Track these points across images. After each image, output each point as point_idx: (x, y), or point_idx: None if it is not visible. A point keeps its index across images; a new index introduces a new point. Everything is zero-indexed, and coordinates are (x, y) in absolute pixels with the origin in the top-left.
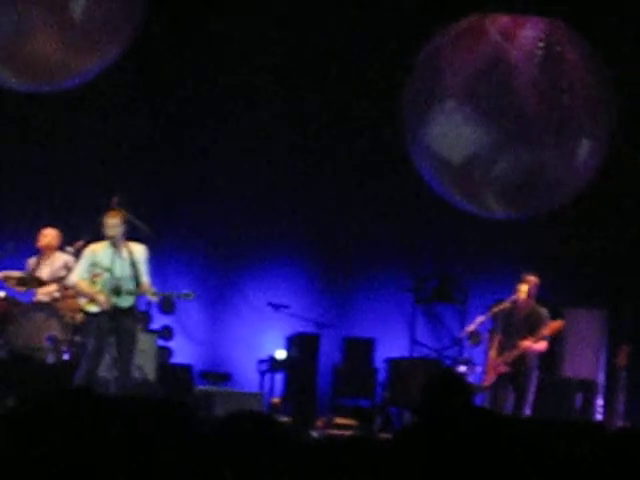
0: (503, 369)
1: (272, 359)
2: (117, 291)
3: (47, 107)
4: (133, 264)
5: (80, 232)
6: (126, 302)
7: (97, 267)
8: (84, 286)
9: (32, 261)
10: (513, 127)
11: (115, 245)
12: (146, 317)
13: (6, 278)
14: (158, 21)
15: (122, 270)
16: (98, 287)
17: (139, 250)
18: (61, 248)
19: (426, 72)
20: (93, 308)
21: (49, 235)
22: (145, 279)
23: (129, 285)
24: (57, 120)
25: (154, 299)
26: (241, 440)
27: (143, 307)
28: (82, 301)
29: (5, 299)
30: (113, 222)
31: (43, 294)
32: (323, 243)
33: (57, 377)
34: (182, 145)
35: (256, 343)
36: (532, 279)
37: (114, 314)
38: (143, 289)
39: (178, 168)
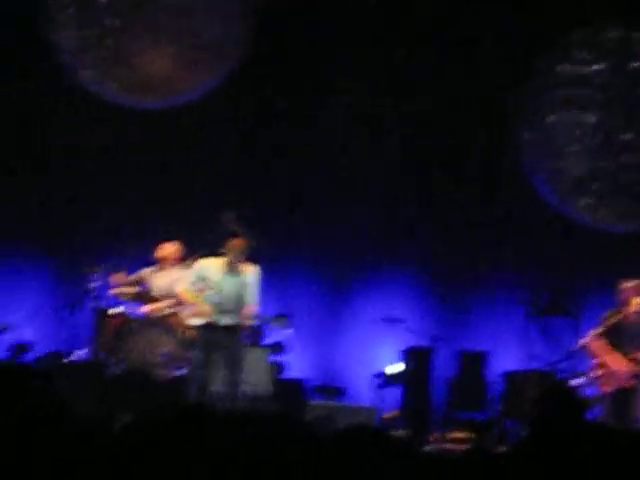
0: (628, 382)
1: (386, 373)
2: (219, 309)
3: (158, 123)
4: (242, 285)
5: (194, 247)
6: (229, 320)
7: (206, 282)
8: (187, 296)
9: (146, 272)
10: (635, 138)
11: (231, 264)
12: (258, 333)
13: (121, 293)
14: (262, 43)
15: (231, 289)
16: (201, 300)
17: (252, 271)
18: (183, 260)
19: (543, 83)
20: (195, 321)
21: (167, 248)
22: (251, 301)
23: (233, 305)
24: (168, 136)
25: (248, 324)
26: (357, 455)
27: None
28: (185, 313)
29: (122, 314)
30: (238, 249)
31: (156, 309)
32: (437, 257)
33: (172, 393)
34: (292, 163)
35: (370, 357)
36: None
37: (220, 330)
38: (241, 316)
39: (293, 183)
